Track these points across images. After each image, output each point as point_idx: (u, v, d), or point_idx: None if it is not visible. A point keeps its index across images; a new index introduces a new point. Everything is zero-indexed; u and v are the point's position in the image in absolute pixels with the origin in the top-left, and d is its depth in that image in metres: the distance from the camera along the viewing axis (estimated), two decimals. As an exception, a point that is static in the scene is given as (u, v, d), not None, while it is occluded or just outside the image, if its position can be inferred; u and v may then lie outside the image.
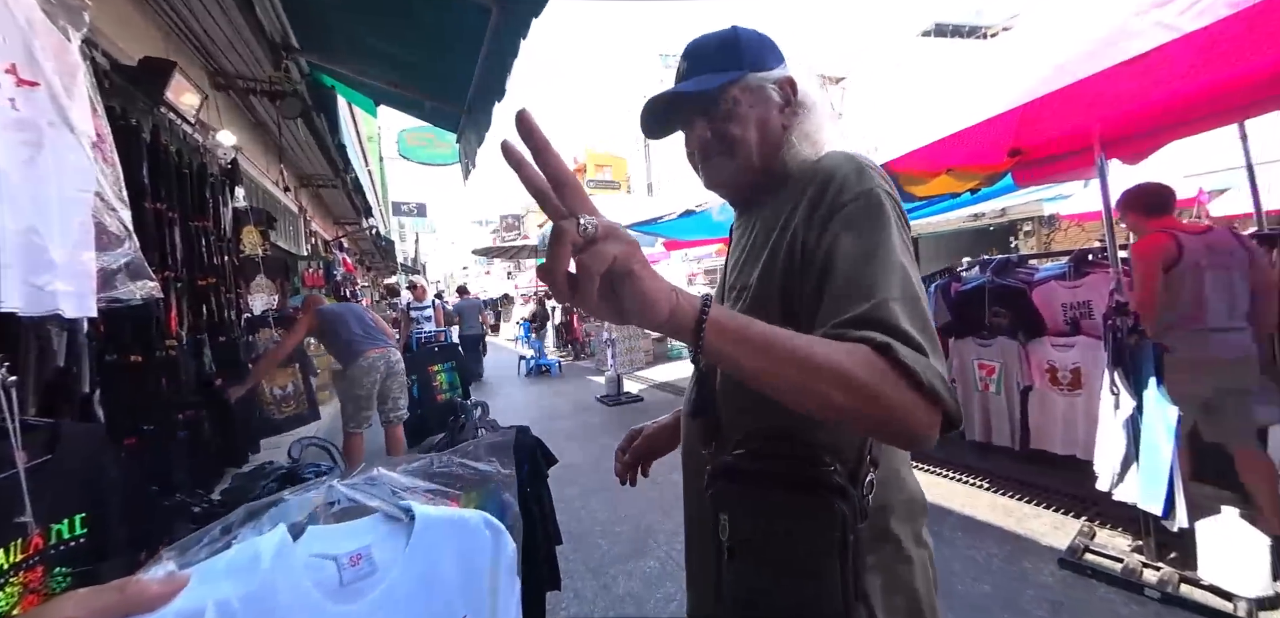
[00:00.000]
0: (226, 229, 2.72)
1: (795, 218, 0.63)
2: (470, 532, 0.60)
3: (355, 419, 3.25)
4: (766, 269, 0.65)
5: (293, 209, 5.88)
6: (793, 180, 0.68)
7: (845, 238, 0.57)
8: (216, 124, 2.95)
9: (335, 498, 0.56)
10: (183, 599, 0.39)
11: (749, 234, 0.74)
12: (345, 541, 0.52)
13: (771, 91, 0.71)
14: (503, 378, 9.38)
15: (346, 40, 3.03)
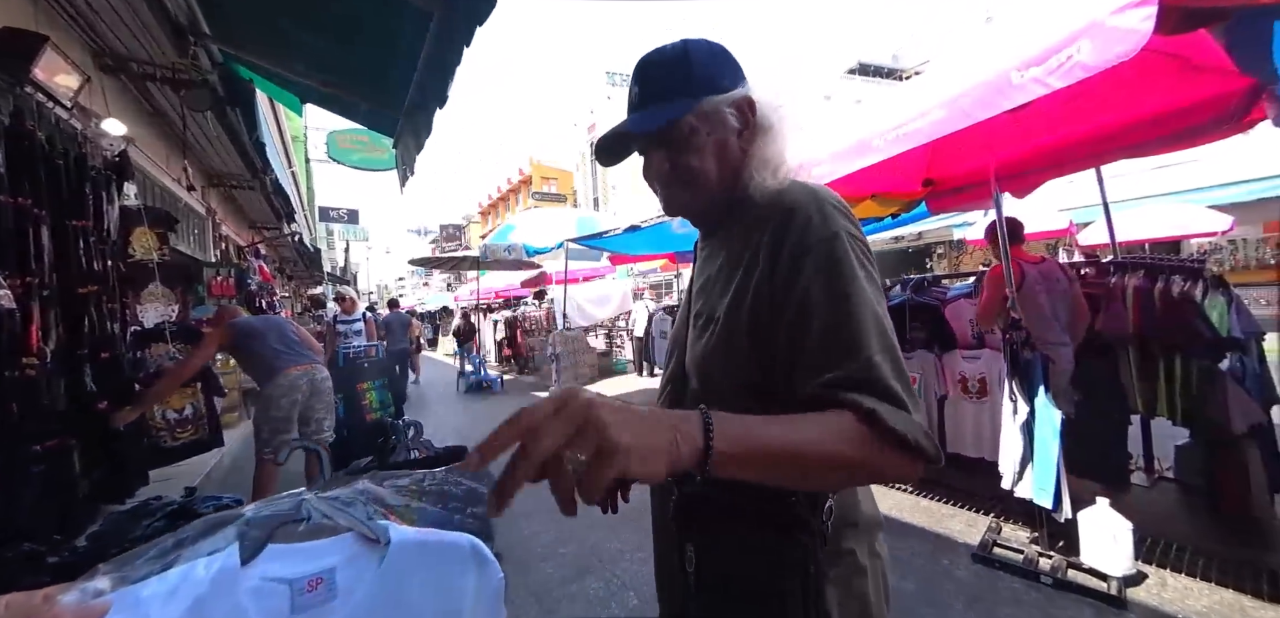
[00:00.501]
0: (111, 230, 2.39)
1: (760, 255, 0.63)
2: (452, 558, 0.57)
3: (271, 445, 2.85)
4: (734, 303, 0.65)
5: (199, 210, 5.30)
6: (755, 208, 0.68)
7: (815, 286, 0.58)
8: (102, 111, 2.60)
9: (305, 514, 0.52)
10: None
11: (715, 259, 0.73)
12: (305, 562, 0.48)
13: (728, 115, 0.69)
14: (440, 395, 8.91)
15: (268, 31, 2.80)
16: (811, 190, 0.65)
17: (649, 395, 7.30)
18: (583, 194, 33.71)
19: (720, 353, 0.65)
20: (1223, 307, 2.52)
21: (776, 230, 0.62)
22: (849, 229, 0.61)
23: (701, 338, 0.69)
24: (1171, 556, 2.30)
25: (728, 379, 0.64)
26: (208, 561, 0.43)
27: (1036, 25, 1.82)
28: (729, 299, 0.66)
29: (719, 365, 0.65)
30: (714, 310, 0.68)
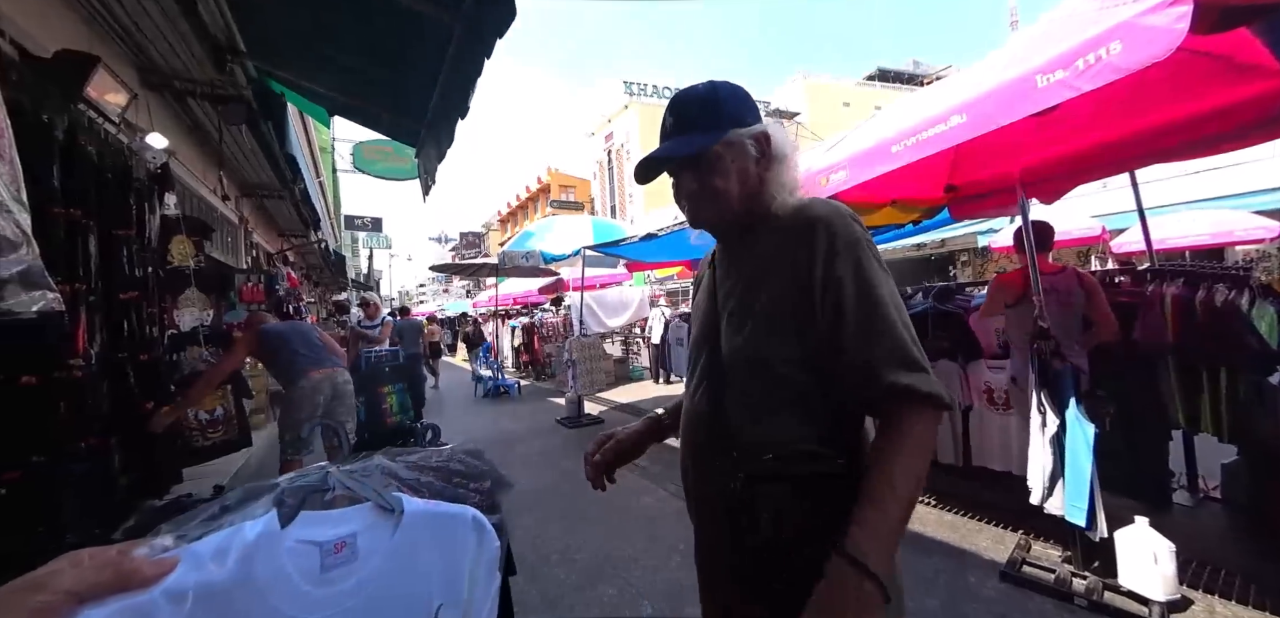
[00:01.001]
0: (153, 238, 2.51)
1: (800, 256, 0.76)
2: (455, 526, 0.63)
3: (294, 446, 2.96)
4: (776, 296, 0.77)
5: (232, 220, 5.52)
6: (780, 221, 0.81)
7: (847, 279, 0.72)
8: (146, 125, 2.74)
9: (331, 485, 0.58)
10: (171, 580, 0.41)
11: (740, 265, 0.85)
12: (332, 528, 0.55)
13: (749, 146, 0.83)
14: (458, 399, 9.04)
15: (299, 48, 2.92)
16: (831, 204, 0.78)
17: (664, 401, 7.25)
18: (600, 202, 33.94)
19: (763, 338, 0.77)
20: (1272, 316, 2.38)
21: (808, 237, 0.75)
22: (866, 234, 0.77)
23: (740, 331, 0.80)
24: (1219, 581, 2.18)
25: (772, 357, 0.76)
26: (252, 523, 0.49)
27: (1063, 28, 1.77)
28: (768, 294, 0.78)
29: (763, 348, 0.77)
30: (751, 306, 0.79)
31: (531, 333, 10.87)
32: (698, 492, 0.88)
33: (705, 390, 0.85)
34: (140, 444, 2.17)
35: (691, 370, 0.91)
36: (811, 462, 0.74)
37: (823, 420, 0.76)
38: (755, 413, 0.77)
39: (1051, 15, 1.98)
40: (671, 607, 2.31)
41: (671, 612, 2.28)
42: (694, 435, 0.87)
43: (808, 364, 0.75)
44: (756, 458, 0.75)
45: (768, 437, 0.75)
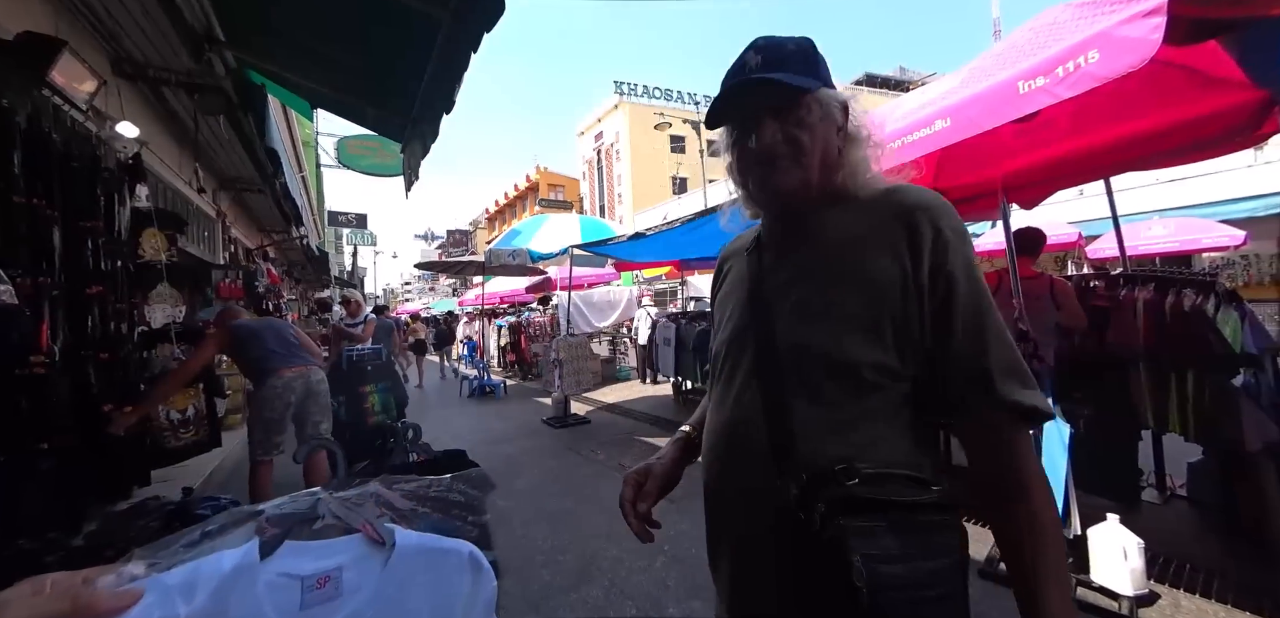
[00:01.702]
0: (122, 231, 2.43)
1: (898, 246, 0.65)
2: (450, 563, 0.60)
3: (264, 445, 2.87)
4: (866, 290, 0.65)
5: (209, 214, 5.38)
6: (863, 204, 0.70)
7: (960, 279, 0.63)
8: (117, 114, 2.65)
9: (321, 512, 0.55)
10: (136, 613, 0.38)
11: (811, 248, 0.72)
12: (317, 560, 0.51)
13: (835, 111, 0.72)
14: (443, 399, 8.93)
15: (282, 39, 2.84)
16: (928, 190, 0.69)
17: (652, 403, 7.26)
18: (589, 202, 33.87)
19: (847, 337, 0.64)
20: (1236, 322, 2.47)
21: (909, 225, 0.65)
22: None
23: (809, 324, 0.67)
24: (1185, 576, 2.24)
25: (860, 359, 0.63)
26: (230, 554, 0.46)
27: (1044, 36, 1.81)
28: (853, 287, 0.66)
29: (847, 348, 0.64)
30: (829, 298, 0.67)
31: (518, 332, 10.79)
32: (734, 520, 0.71)
33: (754, 394, 0.69)
34: (105, 445, 2.09)
35: (724, 369, 0.75)
36: (912, 488, 0.60)
37: (917, 437, 0.65)
38: (834, 423, 0.63)
39: (1033, 22, 2.02)
40: (656, 608, 2.31)
41: (656, 613, 2.28)
42: (734, 448, 0.71)
43: (900, 370, 0.64)
44: (835, 481, 0.59)
45: (852, 454, 0.61)
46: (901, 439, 0.64)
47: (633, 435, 5.44)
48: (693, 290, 11.70)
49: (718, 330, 0.82)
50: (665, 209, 21.44)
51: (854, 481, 0.59)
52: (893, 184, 0.71)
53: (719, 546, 0.75)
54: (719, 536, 0.75)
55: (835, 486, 0.59)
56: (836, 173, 0.72)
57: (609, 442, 5.28)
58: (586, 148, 34.26)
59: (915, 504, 0.60)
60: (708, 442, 0.77)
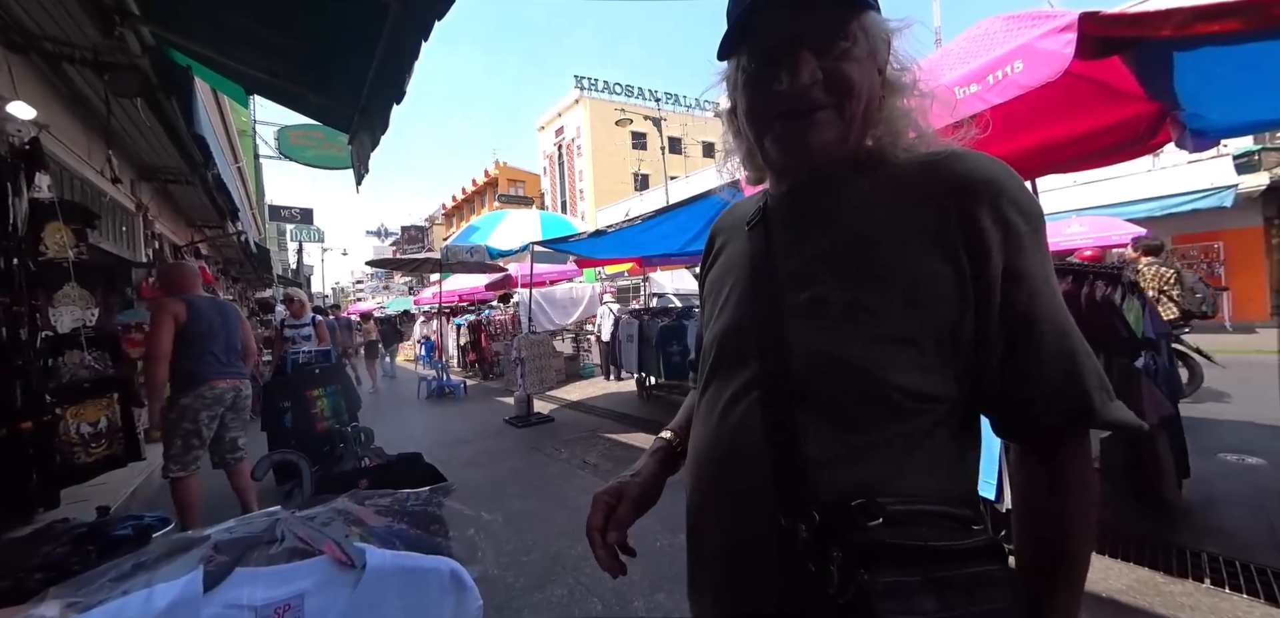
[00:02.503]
0: (19, 225, 2.16)
1: (952, 230, 0.50)
2: (430, 583, 0.55)
3: (182, 461, 2.66)
4: (898, 294, 0.51)
5: (127, 206, 4.90)
6: (899, 174, 0.54)
7: (1039, 277, 0.50)
8: (8, 92, 2.35)
9: (279, 534, 0.50)
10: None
11: (836, 226, 0.56)
12: (273, 587, 0.46)
13: (881, 45, 0.55)
14: (400, 401, 8.57)
15: (208, 16, 2.61)
16: (991, 160, 0.53)
17: (616, 399, 7.26)
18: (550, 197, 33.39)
19: (880, 344, 0.50)
20: (1139, 310, 2.74)
21: (969, 204, 0.50)
22: None
23: (830, 326, 0.52)
24: (1102, 541, 2.46)
25: (895, 371, 0.50)
26: (166, 587, 0.41)
27: (977, 46, 1.93)
28: (884, 286, 0.51)
29: (880, 359, 0.50)
30: (847, 297, 0.52)
31: (479, 331, 10.50)
32: (724, 556, 0.58)
33: (754, 406, 0.55)
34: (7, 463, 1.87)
35: (717, 371, 0.62)
36: (952, 530, 0.47)
37: (950, 464, 0.53)
38: (852, 448, 0.50)
39: (969, 33, 2.15)
40: (622, 604, 2.30)
41: (622, 610, 2.27)
42: (726, 472, 0.57)
43: (942, 396, 0.51)
44: (854, 521, 0.46)
45: (872, 484, 0.48)
46: (933, 467, 0.51)
47: (597, 433, 5.41)
48: (655, 286, 11.76)
49: (709, 321, 0.67)
50: (627, 205, 21.43)
51: (877, 521, 0.45)
52: (943, 150, 0.55)
53: (702, 577, 0.63)
54: (703, 565, 0.63)
55: (855, 528, 0.45)
56: (872, 130, 0.56)
57: (573, 440, 5.22)
58: (547, 143, 33.76)
59: (957, 552, 0.46)
60: (694, 456, 0.64)
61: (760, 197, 0.67)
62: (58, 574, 1.19)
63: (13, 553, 1.11)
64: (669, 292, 12.11)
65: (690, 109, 31.17)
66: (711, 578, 0.61)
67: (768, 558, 0.52)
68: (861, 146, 0.57)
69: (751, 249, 0.63)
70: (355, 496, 0.59)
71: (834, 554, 0.45)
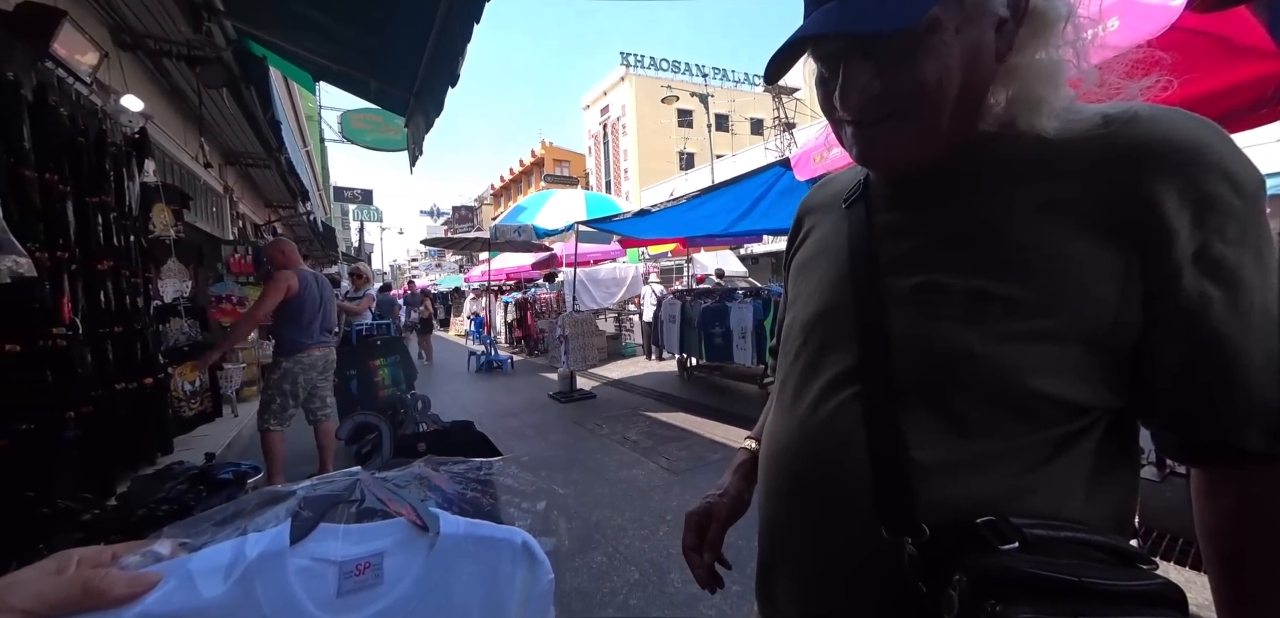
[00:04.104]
0: (133, 206, 2.45)
1: (1115, 216, 0.41)
2: (502, 553, 0.55)
3: (279, 416, 2.96)
4: (1040, 286, 0.42)
5: (216, 188, 5.40)
6: (1045, 144, 0.45)
7: (1249, 266, 0.40)
8: (120, 87, 2.64)
9: (360, 495, 0.51)
10: (150, 600, 0.35)
11: (943, 211, 0.48)
12: (355, 545, 0.47)
13: (994, 2, 0.44)
14: (451, 373, 9.04)
15: (279, 8, 2.81)
16: (1192, 116, 0.42)
17: (657, 378, 7.31)
18: (595, 177, 33.58)
19: (1015, 342, 0.42)
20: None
21: (1152, 177, 0.40)
22: None
23: (935, 318, 0.45)
24: (1176, 550, 2.28)
25: (1034, 374, 0.42)
26: (258, 538, 0.43)
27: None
28: (1022, 275, 0.43)
29: (1014, 357, 0.42)
30: (972, 287, 0.44)
31: (525, 308, 10.85)
32: (807, 574, 0.52)
33: (851, 404, 0.48)
34: (130, 414, 2.16)
35: (802, 360, 0.55)
36: (1112, 567, 0.38)
37: (1109, 488, 0.44)
38: (975, 457, 0.43)
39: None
40: (659, 574, 2.38)
41: (659, 580, 2.34)
42: (814, 475, 0.51)
43: (1093, 405, 0.43)
44: (981, 541, 0.39)
45: (1004, 503, 0.41)
46: (1073, 486, 0.43)
47: (637, 410, 5.51)
48: (698, 267, 11.65)
49: (794, 304, 0.60)
50: (672, 185, 21.22)
51: (1011, 544, 0.37)
52: (1112, 110, 0.44)
53: (779, 585, 0.56)
54: (779, 572, 0.56)
55: (983, 550, 0.38)
56: (997, 94, 0.47)
57: (614, 416, 5.35)
58: (592, 122, 33.81)
59: (1120, 594, 0.36)
60: (773, 452, 0.57)
61: (859, 170, 0.59)
62: (177, 507, 1.41)
63: (144, 487, 1.32)
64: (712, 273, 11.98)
65: (738, 84, 30.22)
66: (790, 589, 0.54)
67: (863, 573, 0.46)
68: (971, 131, 0.48)
69: (850, 230, 0.55)
70: (431, 461, 0.59)
71: (956, 579, 0.37)
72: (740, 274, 13.03)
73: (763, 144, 18.51)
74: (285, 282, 2.89)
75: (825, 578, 0.50)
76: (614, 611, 2.17)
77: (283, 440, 2.99)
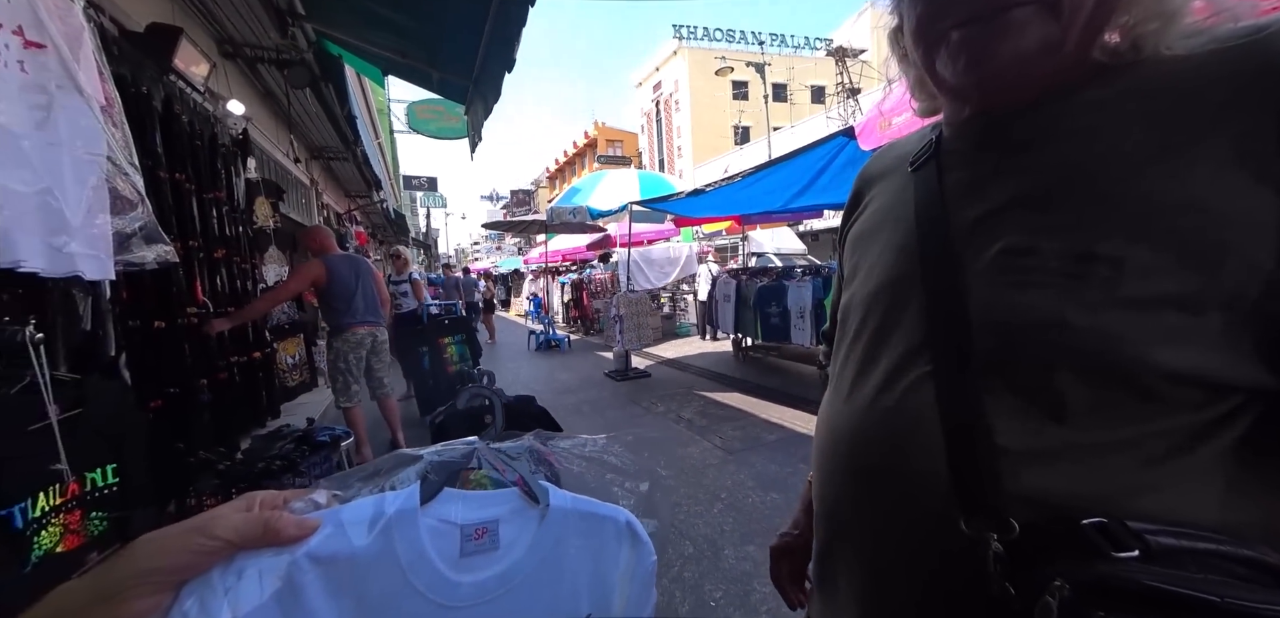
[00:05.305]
0: (240, 200, 2.76)
1: (1260, 148, 0.34)
2: (607, 530, 0.56)
3: (345, 393, 3.21)
4: (1164, 239, 0.35)
5: (304, 181, 5.92)
6: (1167, 72, 0.38)
7: None
8: (225, 93, 2.96)
9: (476, 464, 0.54)
10: (314, 541, 0.41)
11: (1035, 159, 0.42)
12: (475, 510, 0.50)
13: None
14: (513, 351, 9.49)
15: (352, 6, 3.01)
16: None
17: (712, 359, 7.26)
18: (648, 156, 33.39)
19: (1106, 314, 0.36)
20: None
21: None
22: None
23: (1026, 286, 0.39)
24: None
25: (1123, 356, 0.36)
26: (394, 495, 0.46)
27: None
28: (1139, 228, 0.36)
29: (1127, 331, 0.35)
30: (1071, 246, 0.37)
31: (580, 289, 11.12)
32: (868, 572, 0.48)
33: (924, 383, 0.43)
34: (246, 382, 2.48)
35: (862, 339, 0.51)
36: (1261, 586, 0.31)
37: (1256, 491, 0.36)
38: (1080, 448, 0.37)
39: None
40: (713, 549, 2.40)
41: (713, 556, 2.38)
42: (879, 458, 0.46)
43: (1227, 381, 0.35)
44: (1093, 545, 0.33)
45: (1117, 502, 0.35)
46: (1214, 485, 0.36)
47: (692, 390, 5.52)
48: (754, 245, 11.35)
49: (853, 280, 0.56)
50: (726, 161, 20.68)
51: (1130, 552, 0.32)
52: (1252, 24, 0.37)
53: (839, 579, 0.53)
54: (838, 563, 0.53)
55: (1091, 554, 0.33)
56: (1116, 17, 0.39)
57: (669, 395, 5.40)
58: (644, 99, 33.48)
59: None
60: (830, 437, 0.53)
61: (928, 130, 0.53)
62: (287, 462, 1.63)
63: (261, 445, 1.54)
64: (769, 251, 11.60)
65: (798, 49, 28.66)
66: (852, 580, 0.50)
67: (935, 568, 0.42)
68: (1091, 49, 0.40)
69: (917, 193, 0.50)
70: (540, 436, 0.61)
71: (1056, 585, 0.32)
72: (798, 252, 12.53)
73: (824, 113, 17.53)
74: (309, 273, 3.06)
75: (891, 572, 0.46)
76: (669, 581, 2.23)
77: (361, 414, 3.26)
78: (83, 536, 0.83)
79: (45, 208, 0.85)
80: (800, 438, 3.72)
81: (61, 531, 0.80)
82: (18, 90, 0.81)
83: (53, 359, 1.05)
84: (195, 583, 0.35)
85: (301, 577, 0.40)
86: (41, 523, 0.77)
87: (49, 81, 0.87)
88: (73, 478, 0.82)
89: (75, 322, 1.30)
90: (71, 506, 0.82)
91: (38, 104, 0.85)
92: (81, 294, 1.32)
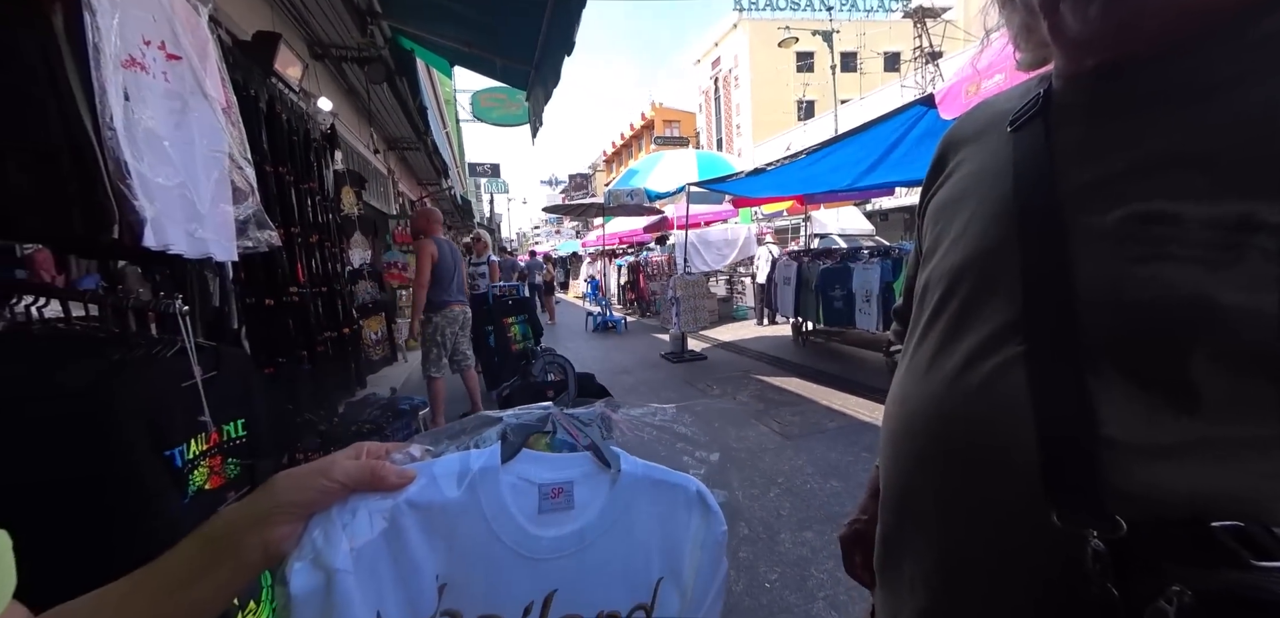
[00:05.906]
0: (329, 190, 3.03)
1: None
2: (678, 498, 0.58)
3: (436, 365, 3.58)
4: None
5: (382, 171, 6.39)
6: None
7: None
8: (316, 92, 3.25)
9: (550, 428, 0.56)
10: (412, 490, 0.46)
11: (1150, 116, 0.37)
12: (550, 471, 0.53)
13: None
14: (571, 333, 9.80)
15: (423, 1, 3.18)
16: None
17: (769, 343, 7.09)
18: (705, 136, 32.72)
19: (1262, 292, 0.31)
20: None
21: None
22: None
23: (1173, 257, 0.34)
24: None
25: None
26: (478, 453, 0.50)
27: None
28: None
29: (1252, 314, 0.31)
30: (1213, 215, 0.33)
31: (637, 271, 11.21)
32: (951, 573, 0.44)
33: (1015, 365, 0.39)
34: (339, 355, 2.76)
35: (945, 314, 0.46)
36: None
37: None
38: (1216, 444, 0.32)
39: None
40: (769, 533, 2.39)
41: (768, 539, 2.36)
42: (960, 443, 0.43)
43: None
44: (1223, 552, 0.30)
45: (1256, 506, 0.31)
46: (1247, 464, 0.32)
47: (748, 374, 5.44)
48: (817, 226, 10.85)
49: (934, 253, 0.51)
50: (788, 138, 19.78)
51: (1274, 562, 0.28)
52: None
53: (908, 576, 0.49)
54: (907, 555, 0.49)
55: (1221, 561, 0.29)
56: None
57: (725, 378, 5.35)
58: (702, 77, 32.70)
59: None
60: (904, 420, 0.49)
61: (1033, 83, 0.48)
62: (374, 427, 1.82)
63: (353, 411, 1.73)
64: (832, 232, 11.06)
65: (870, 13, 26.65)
66: (921, 569, 0.47)
67: (1018, 562, 0.39)
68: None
69: (1017, 153, 0.44)
70: (611, 403, 0.62)
71: (1175, 591, 0.29)
72: (865, 232, 11.83)
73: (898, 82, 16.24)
74: (428, 250, 3.42)
75: (964, 561, 0.43)
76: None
77: (443, 386, 3.61)
78: (223, 477, 0.98)
79: (183, 199, 1.00)
80: (863, 426, 3.57)
81: (208, 472, 0.95)
82: (162, 97, 0.95)
83: (194, 329, 1.22)
84: (320, 517, 0.41)
85: (403, 519, 0.45)
86: (194, 464, 0.92)
87: (184, 88, 1.01)
88: (214, 428, 0.96)
89: (208, 299, 1.51)
90: (213, 452, 0.97)
91: (175, 108, 0.99)
92: (211, 274, 1.52)
